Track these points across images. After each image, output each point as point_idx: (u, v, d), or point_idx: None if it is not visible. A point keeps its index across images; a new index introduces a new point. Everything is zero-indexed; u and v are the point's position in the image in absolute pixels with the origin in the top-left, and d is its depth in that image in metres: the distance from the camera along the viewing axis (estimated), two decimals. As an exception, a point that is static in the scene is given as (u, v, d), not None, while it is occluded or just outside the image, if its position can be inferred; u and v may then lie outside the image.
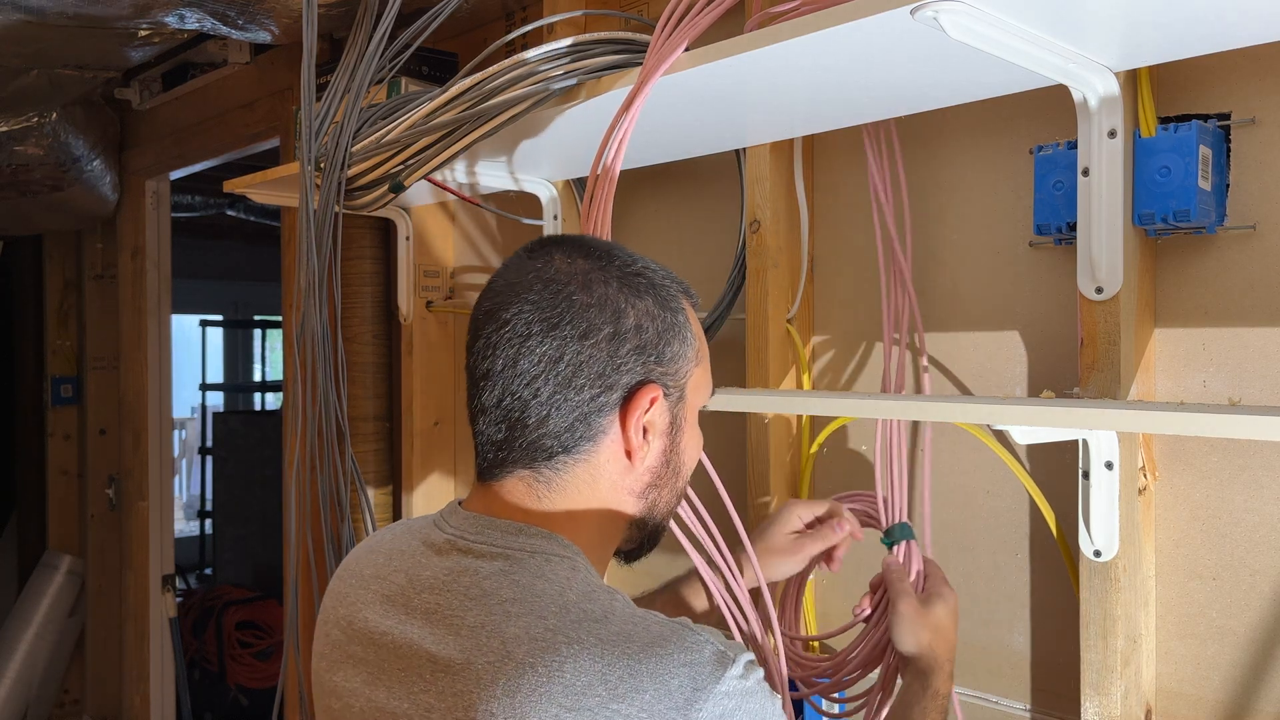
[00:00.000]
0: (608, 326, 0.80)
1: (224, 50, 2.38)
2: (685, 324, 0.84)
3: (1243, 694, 1.02)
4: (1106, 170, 1.00)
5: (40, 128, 2.53)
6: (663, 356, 0.81)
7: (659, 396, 0.81)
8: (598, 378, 0.79)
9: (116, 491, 3.17)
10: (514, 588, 0.75)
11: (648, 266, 0.85)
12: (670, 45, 1.02)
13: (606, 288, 0.81)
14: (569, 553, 0.78)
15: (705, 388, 0.88)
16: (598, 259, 0.83)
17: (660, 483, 0.84)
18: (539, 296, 0.79)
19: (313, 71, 1.32)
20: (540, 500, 0.81)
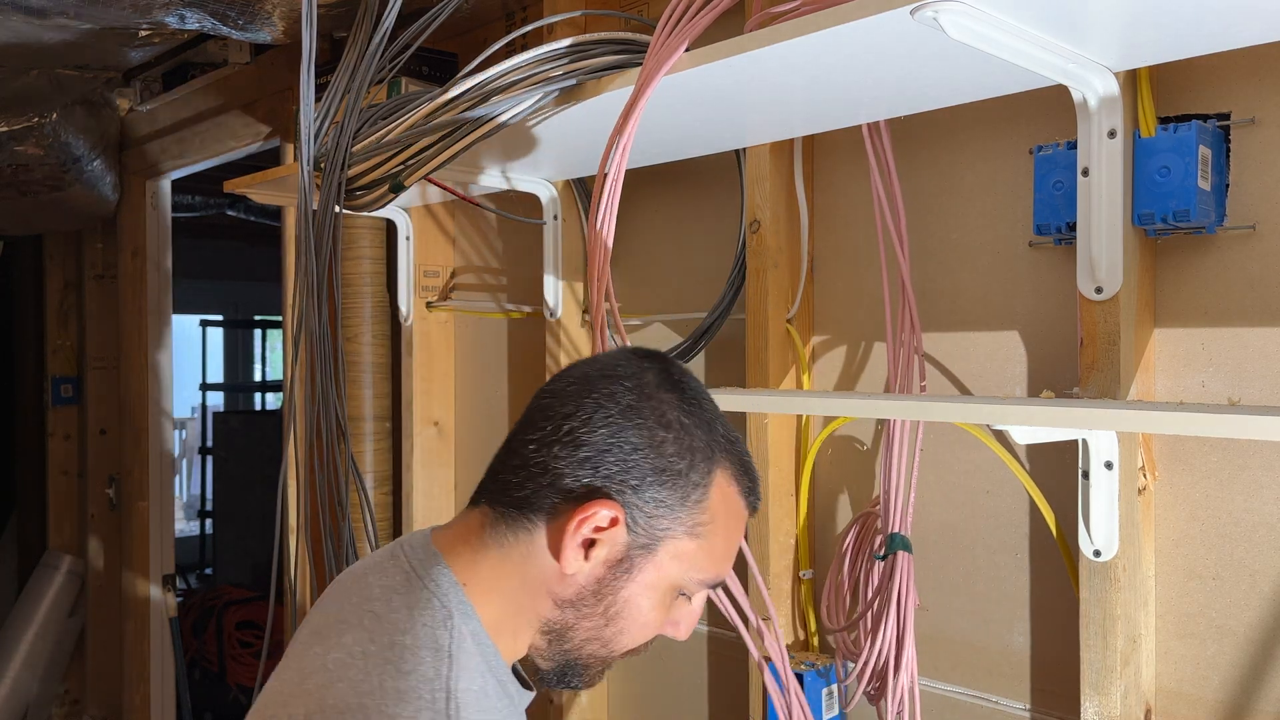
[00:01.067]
0: (622, 421, 0.79)
1: (224, 50, 2.38)
2: (696, 488, 0.81)
3: (1242, 694, 1.02)
4: (1106, 170, 1.00)
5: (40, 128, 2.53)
6: (643, 490, 0.79)
7: (620, 521, 0.78)
8: (581, 462, 0.79)
9: (116, 491, 3.17)
10: (386, 609, 0.77)
11: (718, 426, 0.83)
12: (670, 46, 1.02)
13: (658, 395, 0.81)
14: (454, 608, 0.78)
15: (692, 570, 0.81)
16: (681, 388, 0.83)
17: (581, 608, 0.80)
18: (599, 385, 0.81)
19: (312, 71, 1.32)
20: (484, 544, 0.81)
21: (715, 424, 0.83)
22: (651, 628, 0.82)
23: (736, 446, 0.84)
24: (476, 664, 0.77)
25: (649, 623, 0.82)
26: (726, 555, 0.84)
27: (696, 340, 1.42)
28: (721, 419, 0.84)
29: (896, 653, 1.16)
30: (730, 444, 0.83)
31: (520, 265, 1.84)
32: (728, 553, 0.84)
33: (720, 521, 0.82)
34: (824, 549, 1.37)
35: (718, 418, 0.84)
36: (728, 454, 0.82)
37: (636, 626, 0.82)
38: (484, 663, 0.78)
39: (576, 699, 1.65)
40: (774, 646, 1.07)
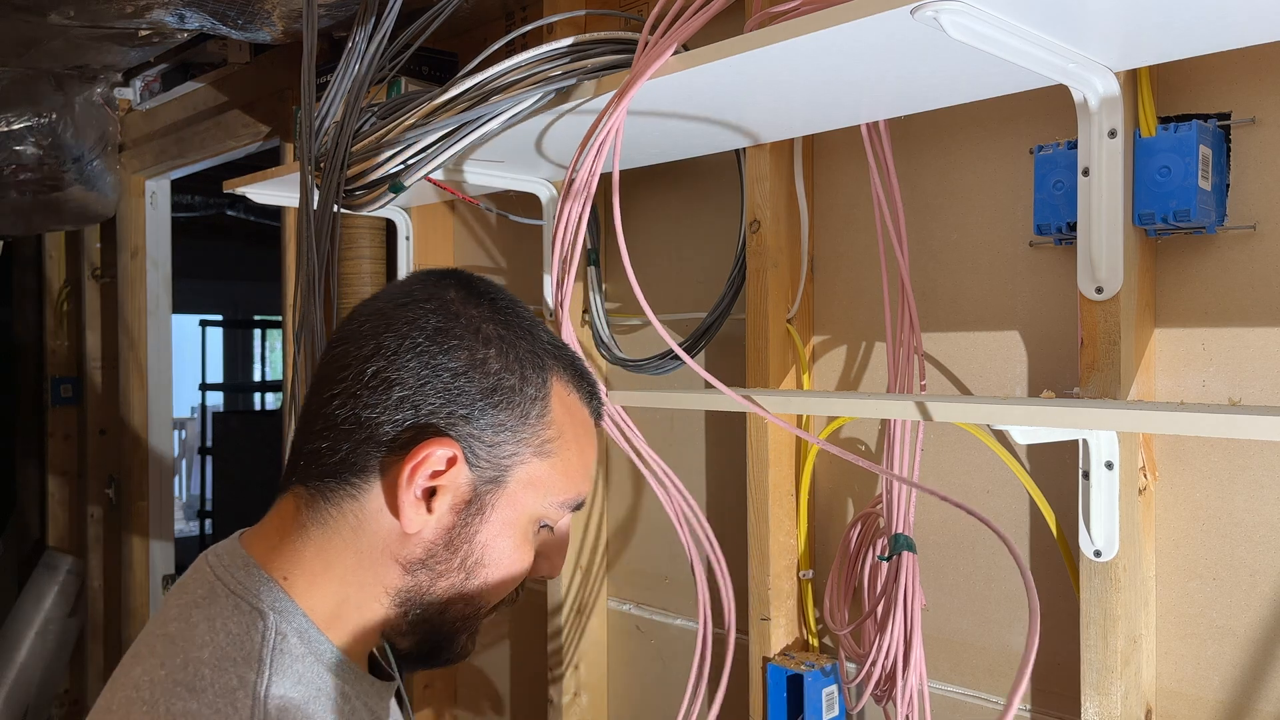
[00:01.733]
0: (433, 347, 0.70)
1: (224, 50, 2.38)
2: (534, 402, 0.73)
3: (1243, 694, 1.02)
4: (1106, 170, 1.00)
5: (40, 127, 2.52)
6: (476, 417, 0.70)
7: (459, 458, 0.69)
8: (398, 404, 0.70)
9: (116, 491, 3.17)
10: (183, 627, 0.68)
11: (540, 334, 0.75)
12: (658, 49, 1.02)
13: (466, 310, 0.72)
14: (266, 609, 0.69)
15: (549, 495, 0.74)
16: (491, 299, 0.75)
17: (435, 567, 0.71)
18: (402, 311, 0.72)
19: (313, 71, 1.32)
20: (302, 528, 0.72)
21: (537, 331, 0.75)
22: (518, 570, 0.74)
23: (565, 352, 0.77)
24: (305, 667, 0.69)
25: (515, 565, 0.74)
26: (582, 470, 0.76)
27: (696, 340, 1.42)
28: (542, 326, 0.77)
29: (905, 653, 1.15)
30: (558, 349, 0.76)
31: (520, 265, 1.84)
32: (583, 467, 0.76)
33: (569, 433, 0.74)
34: (824, 549, 1.37)
35: (538, 324, 0.76)
36: (558, 360, 0.75)
37: (501, 572, 0.73)
38: (317, 663, 0.70)
39: (577, 699, 1.65)
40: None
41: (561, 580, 1.63)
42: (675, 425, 1.57)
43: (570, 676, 1.64)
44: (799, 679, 1.28)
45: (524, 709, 1.85)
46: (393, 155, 1.24)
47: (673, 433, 1.57)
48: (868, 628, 1.21)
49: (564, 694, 1.64)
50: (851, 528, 1.27)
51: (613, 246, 1.66)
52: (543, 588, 1.70)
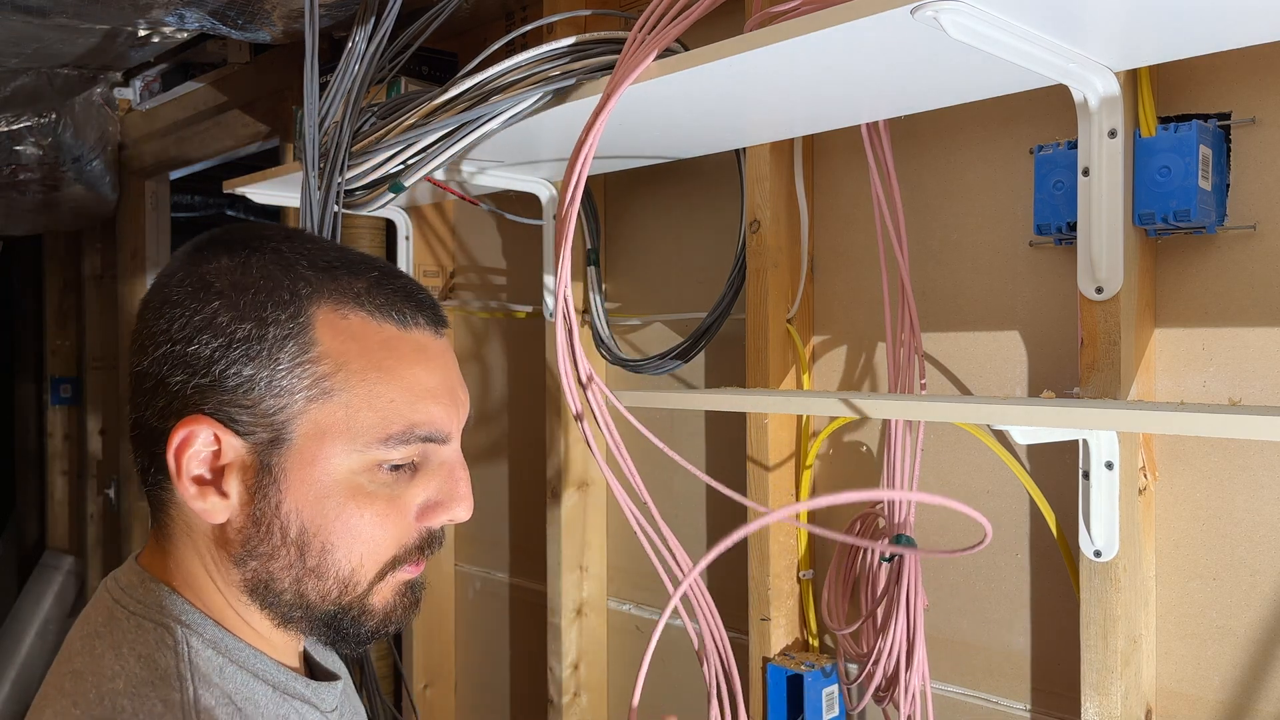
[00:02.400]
0: (162, 322, 0.64)
1: (224, 50, 2.37)
2: (285, 341, 0.63)
3: (1243, 694, 1.02)
4: (1107, 170, 1.00)
5: (40, 128, 2.52)
6: (221, 380, 0.62)
7: (209, 434, 0.62)
8: (151, 393, 0.64)
9: (116, 492, 3.17)
10: (89, 661, 0.63)
11: (301, 263, 0.65)
12: (643, 53, 1.01)
13: (196, 270, 0.65)
14: (171, 622, 0.64)
15: (363, 435, 0.64)
16: (232, 246, 0.66)
17: (259, 553, 0.64)
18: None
19: (315, 71, 1.32)
20: (158, 536, 0.68)
21: (292, 259, 0.65)
22: (371, 527, 0.64)
23: (339, 271, 0.66)
24: (227, 676, 0.64)
25: (361, 525, 0.64)
26: (407, 393, 0.65)
27: (696, 340, 1.42)
28: (314, 250, 0.67)
29: (907, 654, 1.15)
30: (326, 271, 0.65)
31: (520, 265, 1.84)
32: (407, 390, 0.65)
33: (355, 362, 0.64)
34: (824, 549, 1.37)
35: (301, 252, 0.66)
36: (326, 284, 0.65)
37: (343, 535, 0.64)
38: (240, 670, 0.65)
39: (576, 699, 1.65)
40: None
41: (561, 580, 1.63)
42: (675, 425, 1.57)
43: (570, 676, 1.64)
44: (799, 679, 1.28)
45: (524, 709, 1.85)
46: (392, 155, 1.24)
47: (673, 433, 1.57)
48: (868, 628, 1.21)
49: (564, 694, 1.64)
50: (851, 527, 1.27)
51: (612, 246, 1.66)
52: (543, 588, 1.70)
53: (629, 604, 1.65)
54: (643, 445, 1.59)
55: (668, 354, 1.43)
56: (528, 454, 1.82)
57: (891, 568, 1.17)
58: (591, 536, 1.67)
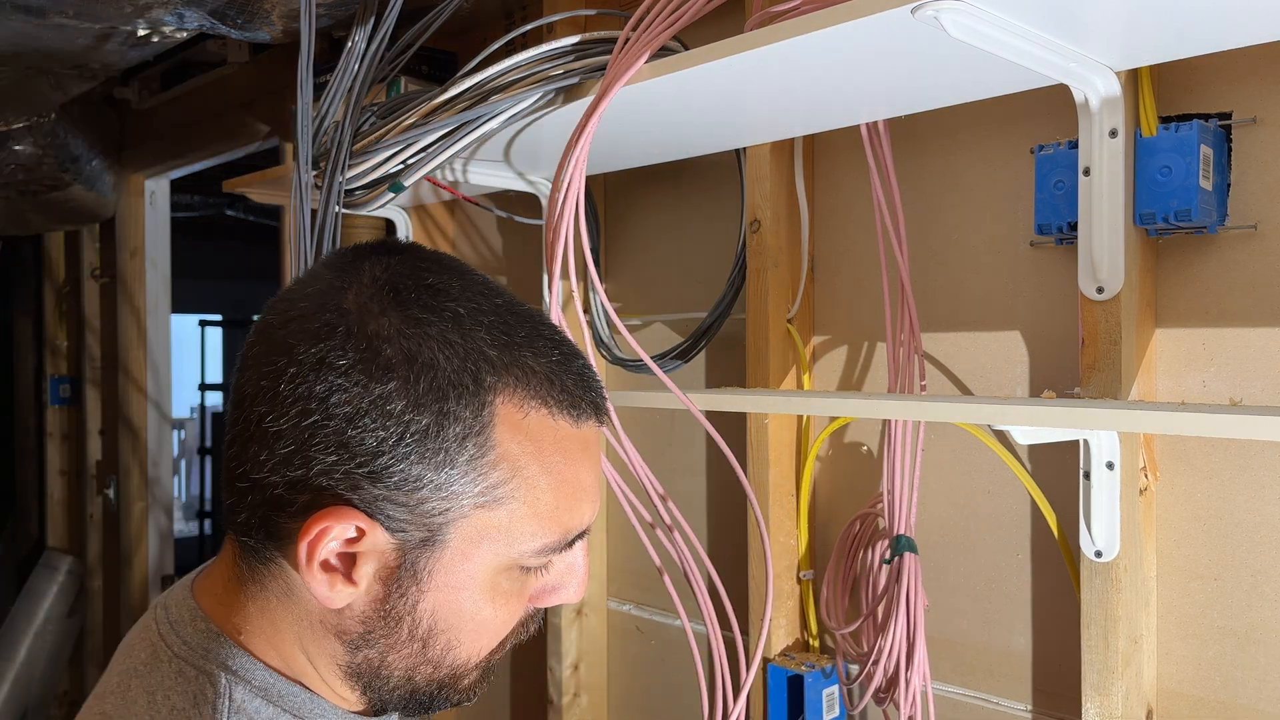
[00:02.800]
0: (317, 387, 0.54)
1: (223, 50, 2.37)
2: (464, 442, 0.55)
3: (1244, 694, 1.02)
4: (1107, 170, 0.99)
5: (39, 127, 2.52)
6: (383, 474, 0.54)
7: (352, 526, 0.55)
8: (285, 460, 0.55)
9: (115, 492, 3.17)
10: (120, 705, 0.58)
11: (479, 334, 0.57)
12: (635, 53, 1.01)
13: (364, 324, 0.55)
14: (216, 669, 0.58)
15: (517, 543, 0.58)
16: (404, 298, 0.57)
17: (379, 642, 0.59)
18: (307, 326, 0.56)
19: (310, 70, 1.31)
20: (241, 581, 0.61)
21: (473, 331, 0.56)
22: (496, 625, 0.61)
23: (522, 352, 0.57)
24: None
25: (489, 621, 0.60)
26: (569, 500, 0.59)
27: (696, 340, 1.41)
28: (492, 311, 0.58)
29: (907, 654, 1.15)
30: (509, 351, 0.57)
31: (520, 265, 1.84)
32: (569, 497, 0.59)
33: (529, 468, 0.57)
34: (824, 549, 1.37)
35: (481, 317, 0.57)
36: (508, 370, 0.57)
37: (471, 632, 0.60)
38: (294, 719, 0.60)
39: (576, 700, 1.65)
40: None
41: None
42: (675, 425, 1.56)
43: (570, 676, 1.64)
44: (799, 679, 1.28)
45: (524, 709, 1.84)
46: (392, 155, 1.24)
47: (673, 433, 1.56)
48: (868, 628, 1.21)
49: (564, 694, 1.64)
50: (850, 526, 1.27)
51: (612, 246, 1.65)
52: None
53: (629, 604, 1.65)
54: (643, 446, 1.59)
55: (668, 354, 1.43)
56: (528, 454, 1.82)
57: (891, 568, 1.17)
58: (592, 536, 1.66)
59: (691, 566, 1.14)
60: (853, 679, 1.23)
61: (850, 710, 1.31)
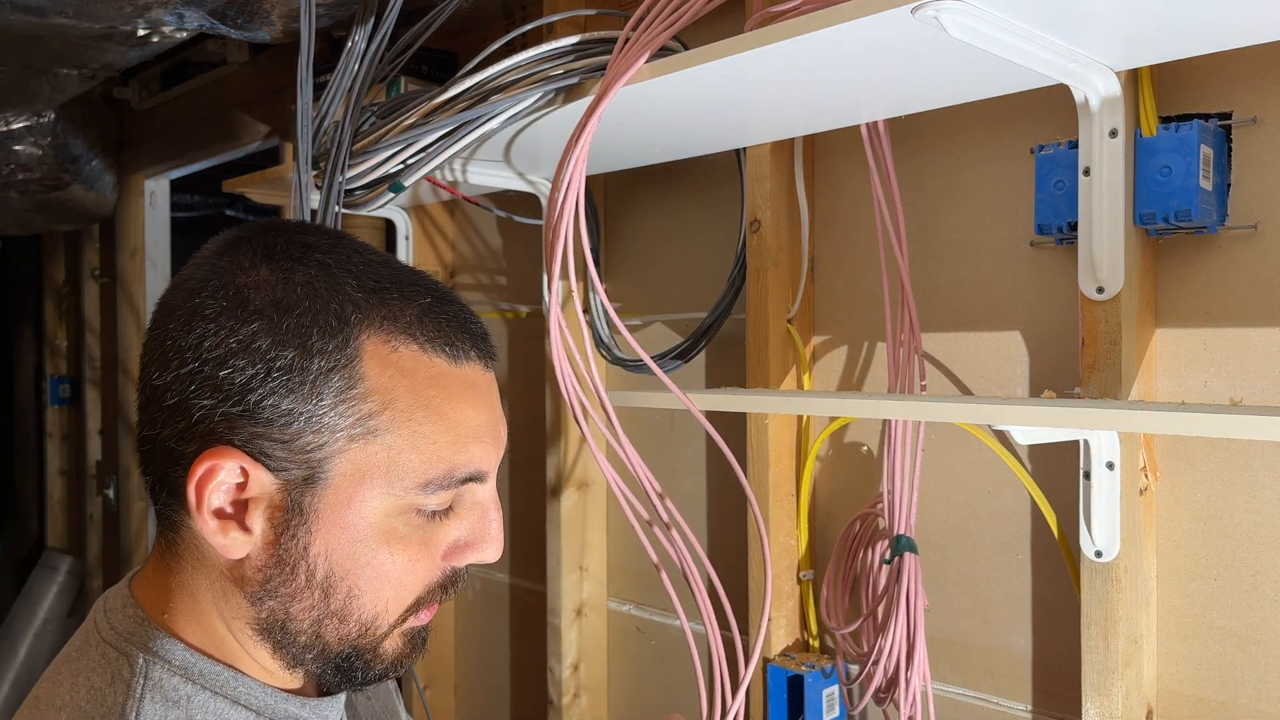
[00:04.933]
0: (190, 336, 0.58)
1: (223, 49, 2.37)
2: (331, 374, 0.57)
3: (1244, 695, 1.02)
4: (1107, 170, 0.99)
5: (39, 127, 2.52)
6: (256, 411, 0.56)
7: (235, 467, 0.57)
8: (171, 412, 0.58)
9: (115, 492, 3.17)
10: (49, 688, 0.60)
11: (348, 281, 0.59)
12: (635, 53, 1.01)
13: (234, 279, 0.58)
14: (135, 650, 0.60)
15: (402, 479, 0.59)
16: (272, 254, 0.60)
17: (279, 592, 0.60)
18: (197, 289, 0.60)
19: (310, 70, 1.31)
20: (162, 558, 0.63)
21: (339, 276, 0.59)
22: (401, 571, 0.61)
23: (389, 294, 0.60)
24: (195, 707, 0.59)
25: (392, 570, 0.60)
26: (452, 435, 0.60)
27: (696, 340, 1.41)
28: (362, 264, 0.61)
29: (907, 654, 1.15)
30: (376, 294, 0.59)
31: (520, 265, 1.84)
32: (452, 431, 0.60)
33: (403, 400, 0.59)
34: (824, 549, 1.37)
35: (349, 266, 0.60)
36: (375, 309, 0.59)
37: (372, 579, 0.60)
38: (215, 697, 0.60)
39: (576, 700, 1.65)
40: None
41: (561, 580, 1.63)
42: (675, 425, 1.56)
43: (570, 676, 1.64)
44: (799, 680, 1.28)
45: (524, 709, 1.84)
46: (392, 155, 1.24)
47: (673, 433, 1.56)
48: (868, 628, 1.21)
49: (564, 694, 1.64)
50: (850, 526, 1.27)
51: (612, 246, 1.65)
52: (543, 588, 1.70)
53: (629, 604, 1.65)
54: (643, 446, 1.59)
55: (668, 354, 1.43)
56: (528, 454, 1.82)
57: (892, 568, 1.17)
58: (591, 537, 1.66)
59: (691, 567, 1.14)
60: (853, 679, 1.23)
61: (850, 710, 1.31)
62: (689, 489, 1.54)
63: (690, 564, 1.16)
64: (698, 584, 1.15)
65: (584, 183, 1.08)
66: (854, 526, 1.27)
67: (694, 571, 1.16)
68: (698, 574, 1.15)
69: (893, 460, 1.18)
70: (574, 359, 1.15)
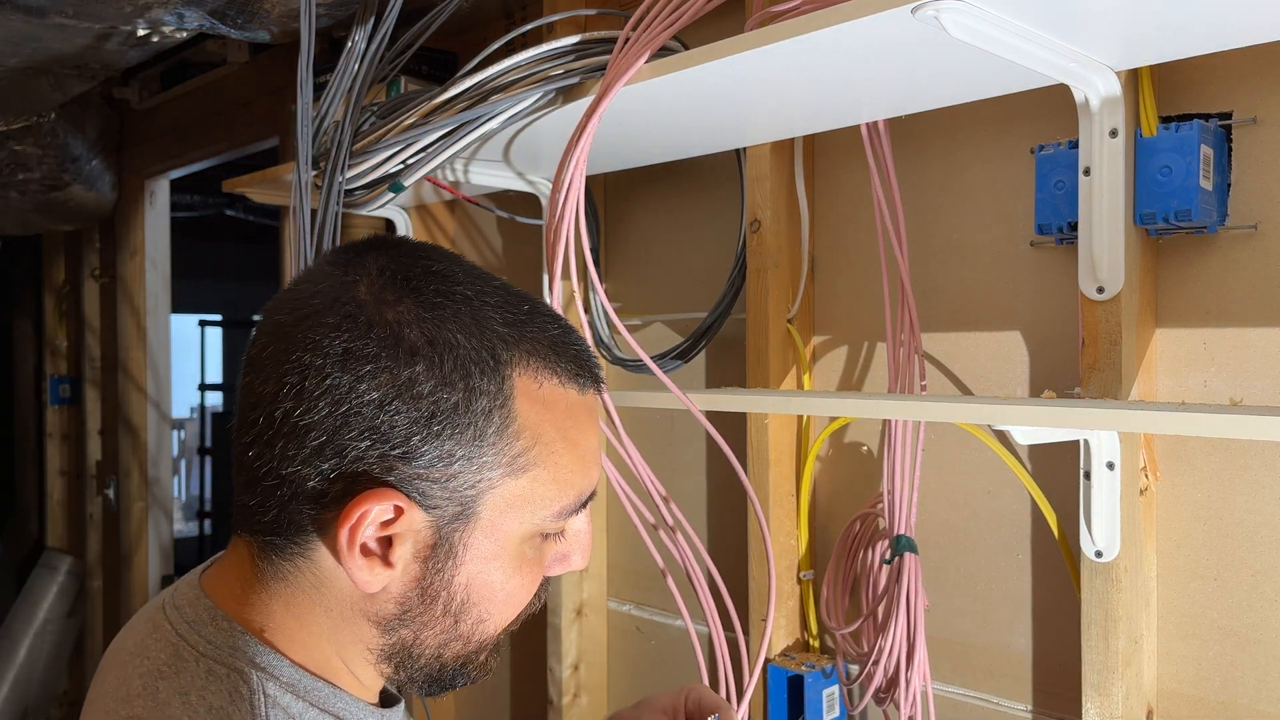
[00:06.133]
0: (345, 376, 0.56)
1: (223, 49, 2.37)
2: (490, 415, 0.58)
3: (1245, 695, 1.02)
4: (1108, 170, 0.99)
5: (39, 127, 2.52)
6: (417, 454, 0.57)
7: (389, 508, 0.57)
8: (317, 451, 0.57)
9: (115, 492, 3.17)
10: (152, 707, 0.58)
11: (489, 313, 0.59)
12: (635, 53, 1.01)
13: (381, 314, 0.57)
14: (246, 666, 0.59)
15: (539, 509, 0.61)
16: (416, 285, 0.59)
17: (415, 621, 0.61)
18: (324, 320, 0.58)
19: (310, 70, 1.31)
20: (263, 579, 0.62)
21: (484, 311, 0.59)
22: (520, 594, 0.64)
23: (528, 328, 0.61)
24: (312, 719, 0.60)
25: (514, 591, 0.63)
26: (579, 466, 0.63)
27: (696, 340, 1.41)
28: (494, 300, 0.61)
29: (907, 655, 1.15)
30: (516, 327, 0.60)
31: (520, 265, 1.84)
32: (579, 462, 0.62)
33: (549, 433, 0.60)
34: (824, 549, 1.37)
35: (487, 298, 0.60)
36: (519, 344, 0.60)
37: (500, 603, 0.63)
38: (322, 715, 0.61)
39: (576, 700, 1.65)
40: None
41: (561, 580, 1.63)
42: (676, 425, 1.56)
43: (570, 676, 1.64)
44: (799, 680, 1.28)
45: (524, 709, 1.84)
46: (392, 154, 1.24)
47: (673, 433, 1.56)
48: (868, 628, 1.21)
49: (564, 694, 1.64)
50: (850, 526, 1.27)
51: (612, 246, 1.65)
52: (542, 588, 1.70)
53: (629, 604, 1.65)
54: (643, 446, 1.58)
55: (668, 354, 1.43)
56: (528, 454, 1.82)
57: (892, 568, 1.17)
58: (592, 536, 1.66)
59: (693, 566, 1.14)
60: (853, 679, 1.23)
61: (850, 710, 1.30)
62: (689, 489, 1.54)
63: (693, 564, 1.16)
64: (701, 584, 1.15)
65: (584, 183, 1.08)
66: (854, 526, 1.27)
67: (697, 572, 1.16)
68: (700, 574, 1.15)
69: (893, 460, 1.18)
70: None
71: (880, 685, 1.18)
